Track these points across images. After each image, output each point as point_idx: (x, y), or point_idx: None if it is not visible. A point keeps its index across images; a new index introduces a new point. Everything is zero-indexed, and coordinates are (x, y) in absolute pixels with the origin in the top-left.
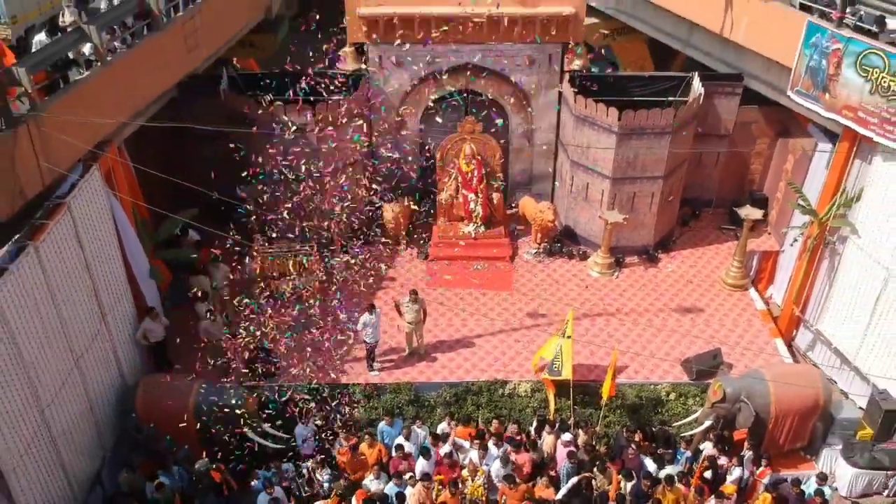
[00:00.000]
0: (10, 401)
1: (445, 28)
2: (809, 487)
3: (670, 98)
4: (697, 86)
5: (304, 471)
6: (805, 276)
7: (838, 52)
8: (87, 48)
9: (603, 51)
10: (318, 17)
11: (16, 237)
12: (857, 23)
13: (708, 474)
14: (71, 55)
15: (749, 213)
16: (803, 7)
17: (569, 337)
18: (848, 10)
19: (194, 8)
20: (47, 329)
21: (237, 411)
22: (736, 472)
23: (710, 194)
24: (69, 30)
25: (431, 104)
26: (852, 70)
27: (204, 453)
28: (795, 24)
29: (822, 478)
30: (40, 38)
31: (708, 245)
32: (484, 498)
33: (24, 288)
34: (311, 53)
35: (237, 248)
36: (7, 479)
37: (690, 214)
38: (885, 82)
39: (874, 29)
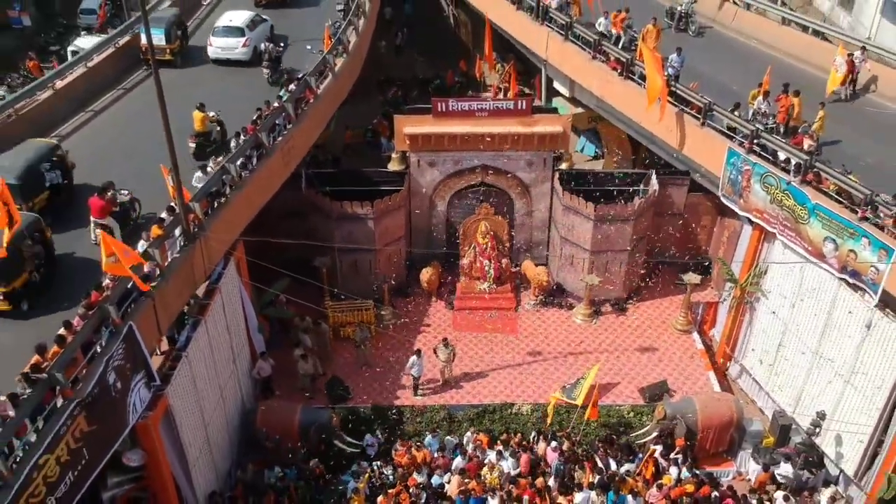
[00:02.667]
0: (194, 420)
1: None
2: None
3: (634, 188)
4: (654, 182)
5: (375, 467)
6: (732, 324)
7: (749, 171)
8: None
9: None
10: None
11: (192, 316)
12: (762, 152)
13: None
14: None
15: (690, 278)
16: (727, 135)
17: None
18: (755, 142)
19: (288, 133)
20: (209, 371)
21: (327, 426)
22: (673, 469)
23: (668, 257)
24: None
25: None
26: (758, 185)
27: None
28: (720, 147)
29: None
30: (79, 42)
31: (664, 297)
32: (499, 486)
33: (199, 346)
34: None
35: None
36: (190, 468)
37: (652, 273)
38: (778, 196)
39: (770, 158)
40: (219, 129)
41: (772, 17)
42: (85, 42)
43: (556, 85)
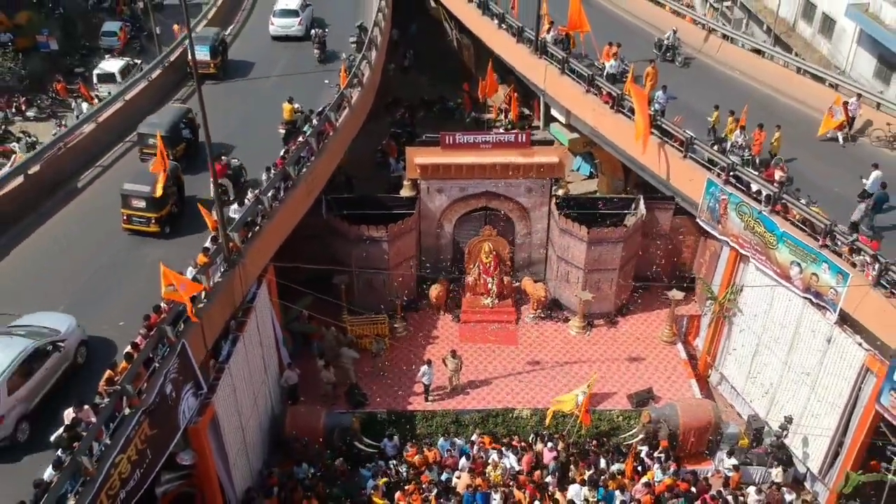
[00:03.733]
0: (233, 424)
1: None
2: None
3: (625, 212)
4: (642, 207)
5: (391, 465)
6: (712, 336)
7: (725, 200)
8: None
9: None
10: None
11: (232, 332)
12: (737, 183)
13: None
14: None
15: (674, 295)
16: (706, 166)
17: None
18: (731, 174)
19: (311, 165)
20: (245, 381)
21: (349, 429)
22: (657, 467)
23: (656, 273)
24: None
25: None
26: (734, 213)
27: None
28: (700, 177)
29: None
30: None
31: (651, 311)
32: (501, 483)
33: (238, 359)
34: None
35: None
36: (231, 467)
37: (640, 289)
38: (751, 224)
39: (744, 189)
40: (304, 117)
41: (757, 47)
42: (109, 65)
43: (554, 112)
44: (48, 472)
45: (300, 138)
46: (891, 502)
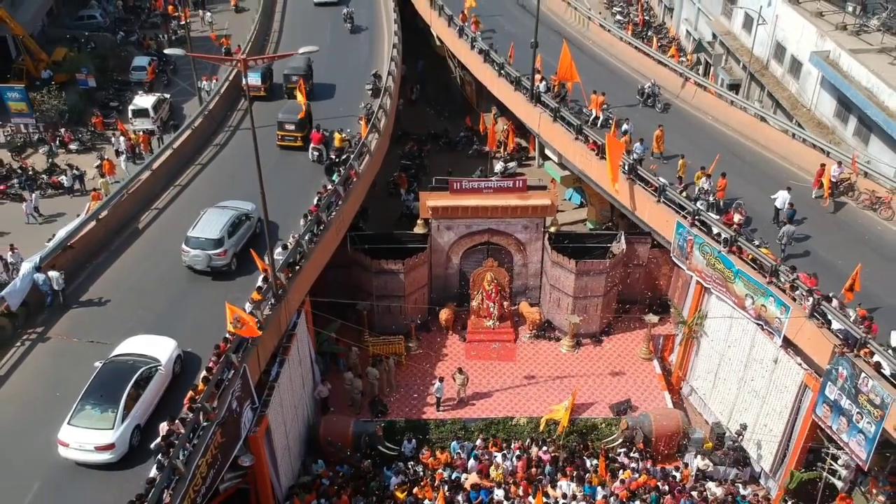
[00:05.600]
0: (281, 432)
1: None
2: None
3: (608, 245)
4: (623, 242)
5: (409, 465)
6: (683, 354)
7: (692, 241)
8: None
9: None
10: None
11: (280, 356)
12: (701, 227)
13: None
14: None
15: (650, 318)
16: (676, 210)
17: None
18: (696, 218)
19: (339, 209)
20: (289, 395)
21: (373, 435)
22: (633, 466)
23: (636, 298)
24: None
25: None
26: (699, 252)
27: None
28: (671, 219)
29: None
30: (138, 101)
31: (631, 332)
32: (503, 481)
33: (284, 377)
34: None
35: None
36: (279, 464)
37: (623, 311)
38: (712, 261)
39: (707, 231)
40: (349, 144)
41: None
42: (142, 101)
43: (547, 151)
44: (153, 472)
45: (329, 185)
46: (825, 495)
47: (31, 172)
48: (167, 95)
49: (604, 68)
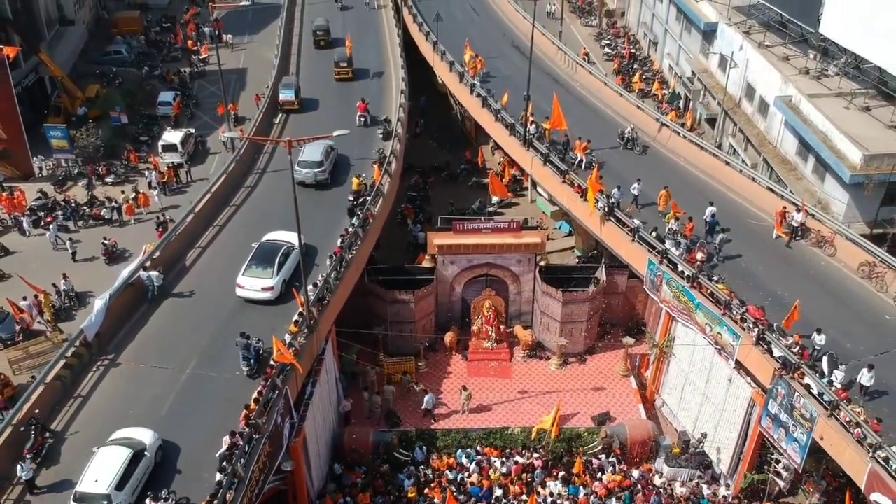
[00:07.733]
0: (314, 441)
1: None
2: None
3: (592, 276)
4: (603, 274)
5: (420, 469)
6: (656, 371)
7: (661, 276)
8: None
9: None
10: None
11: (312, 377)
12: (668, 264)
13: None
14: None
15: (627, 341)
16: (648, 249)
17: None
18: (665, 257)
19: (359, 249)
20: (319, 410)
21: (390, 443)
22: (610, 469)
23: (616, 321)
24: None
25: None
26: (667, 287)
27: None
28: (644, 257)
29: None
30: (167, 137)
31: (611, 351)
32: (500, 482)
33: (315, 396)
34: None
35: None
36: (312, 465)
37: (604, 333)
38: (678, 294)
39: (673, 268)
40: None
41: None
42: (171, 137)
43: (538, 189)
44: (217, 476)
45: (351, 224)
46: (774, 494)
47: (73, 205)
48: (192, 130)
49: (588, 110)
